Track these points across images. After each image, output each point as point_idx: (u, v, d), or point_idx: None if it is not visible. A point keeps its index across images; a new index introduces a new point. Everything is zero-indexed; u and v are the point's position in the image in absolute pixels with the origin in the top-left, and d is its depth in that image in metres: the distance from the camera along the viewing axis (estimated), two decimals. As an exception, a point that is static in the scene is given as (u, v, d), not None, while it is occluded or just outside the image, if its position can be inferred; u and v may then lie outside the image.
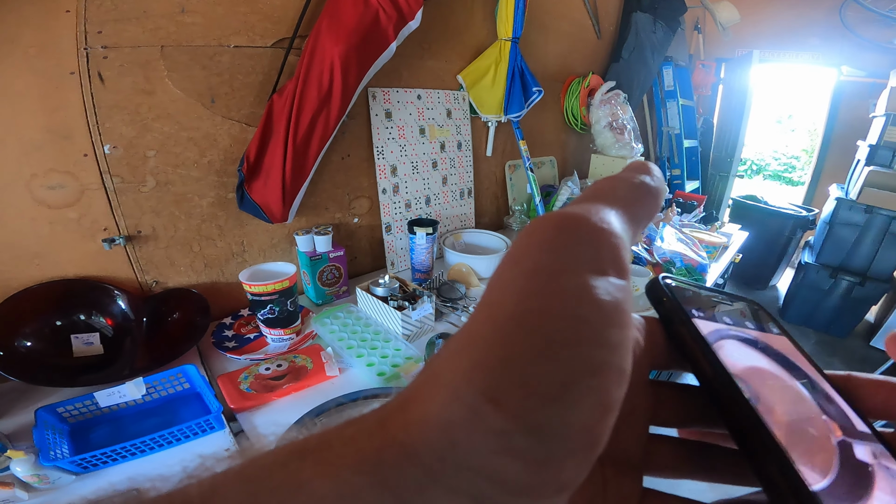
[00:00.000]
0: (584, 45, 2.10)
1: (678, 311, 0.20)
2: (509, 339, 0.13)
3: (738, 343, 0.20)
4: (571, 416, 0.12)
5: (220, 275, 1.17)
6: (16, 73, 0.80)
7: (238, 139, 1.07)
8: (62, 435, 0.79)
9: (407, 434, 0.12)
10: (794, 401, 0.19)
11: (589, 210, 0.16)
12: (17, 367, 0.86)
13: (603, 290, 0.13)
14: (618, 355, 0.13)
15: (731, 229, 2.13)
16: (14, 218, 0.87)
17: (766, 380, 0.19)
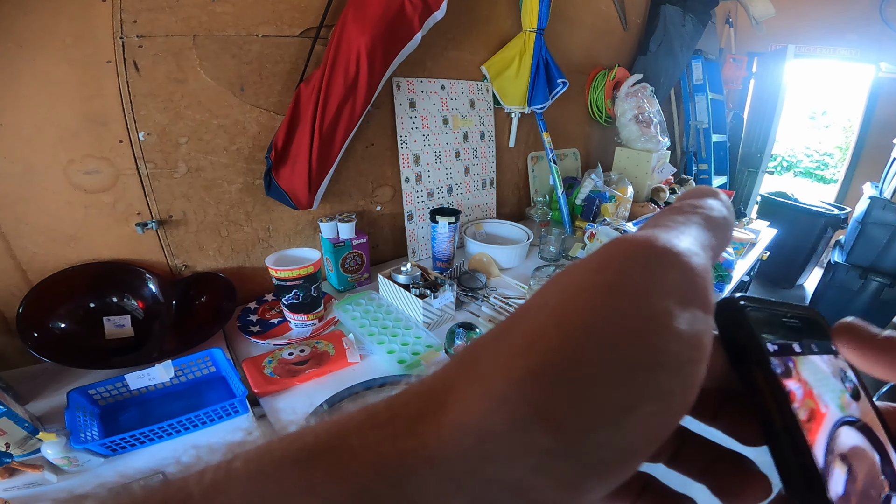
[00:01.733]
0: (610, 37, 2.06)
1: (756, 349, 0.18)
2: (578, 351, 0.12)
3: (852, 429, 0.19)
4: (622, 442, 0.11)
5: (247, 259, 1.19)
6: (54, 63, 0.82)
7: (266, 127, 1.09)
8: (93, 417, 0.81)
9: (439, 440, 0.11)
10: (868, 467, 0.19)
11: (678, 239, 0.15)
12: (50, 349, 0.88)
13: (688, 322, 0.13)
14: (688, 390, 0.12)
15: (760, 226, 2.08)
16: (51, 202, 0.90)
17: (860, 457, 0.19)
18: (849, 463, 0.18)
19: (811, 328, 0.22)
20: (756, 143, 3.30)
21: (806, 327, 0.22)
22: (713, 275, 0.15)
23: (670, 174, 2.16)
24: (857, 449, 0.19)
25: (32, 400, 0.87)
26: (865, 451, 0.19)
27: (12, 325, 0.90)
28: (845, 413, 0.20)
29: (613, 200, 1.78)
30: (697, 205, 0.18)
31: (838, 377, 0.21)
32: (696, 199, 0.18)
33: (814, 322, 0.22)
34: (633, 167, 2.03)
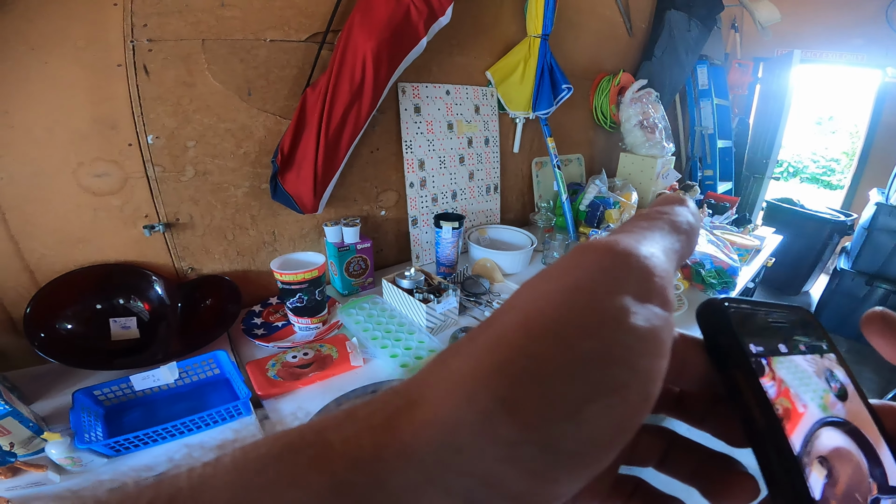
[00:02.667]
0: (615, 43, 2.07)
1: (737, 350, 0.19)
2: (540, 349, 0.12)
3: (833, 429, 0.20)
4: (584, 434, 0.12)
5: (252, 263, 1.20)
6: (65, 66, 0.84)
7: (272, 131, 1.10)
8: (97, 418, 0.81)
9: (413, 435, 0.12)
10: (852, 470, 0.19)
11: (638, 241, 0.16)
12: (56, 350, 0.89)
13: (643, 317, 0.13)
14: (645, 382, 0.13)
15: (765, 232, 2.07)
16: (61, 204, 0.91)
17: (842, 458, 0.19)
18: (829, 466, 0.18)
19: (800, 328, 0.22)
20: (762, 149, 3.29)
21: (795, 327, 0.22)
22: (672, 274, 0.16)
23: (675, 180, 2.16)
24: (841, 451, 0.19)
25: (37, 400, 0.87)
26: (850, 454, 0.19)
27: (19, 326, 0.91)
28: (827, 414, 0.20)
29: (618, 206, 1.78)
30: (664, 211, 0.19)
31: (823, 377, 0.21)
32: (664, 206, 0.19)
33: (804, 322, 0.23)
34: (638, 173, 2.03)
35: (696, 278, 1.48)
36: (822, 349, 0.22)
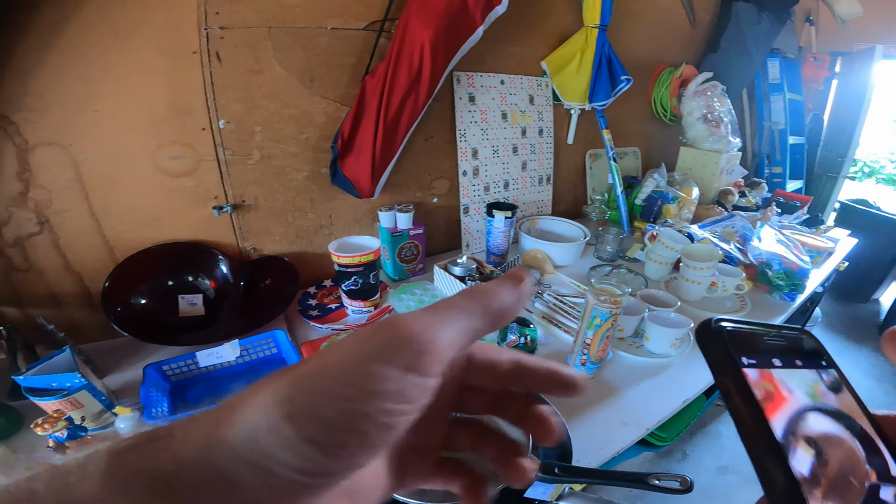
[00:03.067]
0: (677, 34, 1.98)
1: (727, 361, 0.21)
2: (316, 387, 0.18)
3: (821, 415, 0.22)
4: (336, 439, 0.17)
5: (309, 245, 1.24)
6: (147, 53, 0.89)
7: (332, 117, 1.13)
8: (163, 393, 0.85)
9: (230, 430, 0.17)
10: (846, 455, 0.21)
11: (429, 324, 0.20)
12: (130, 324, 0.94)
13: (388, 379, 0.18)
14: (375, 420, 0.18)
15: (839, 234, 1.93)
16: (139, 184, 0.98)
17: (832, 443, 0.21)
18: (817, 447, 0.20)
19: (799, 348, 0.24)
20: (837, 147, 3.06)
21: (793, 347, 0.24)
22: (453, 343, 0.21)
23: (740, 176, 2.05)
24: (831, 436, 0.21)
25: (110, 374, 0.92)
26: (842, 440, 0.21)
27: (96, 300, 0.97)
28: (816, 402, 0.22)
29: (677, 201, 1.71)
30: (485, 294, 0.23)
31: (814, 379, 0.23)
32: (489, 287, 0.23)
33: (805, 343, 0.25)
34: (699, 168, 1.94)
35: (761, 279, 1.40)
36: (821, 365, 0.24)
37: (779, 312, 1.30)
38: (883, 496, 0.20)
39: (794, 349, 0.24)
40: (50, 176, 0.88)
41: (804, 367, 0.23)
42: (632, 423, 0.85)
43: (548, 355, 1.02)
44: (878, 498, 0.20)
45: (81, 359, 0.84)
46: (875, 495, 0.20)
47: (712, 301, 1.29)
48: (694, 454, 1.86)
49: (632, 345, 1.05)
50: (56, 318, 0.93)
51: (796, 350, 0.24)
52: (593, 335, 0.89)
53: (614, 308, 0.86)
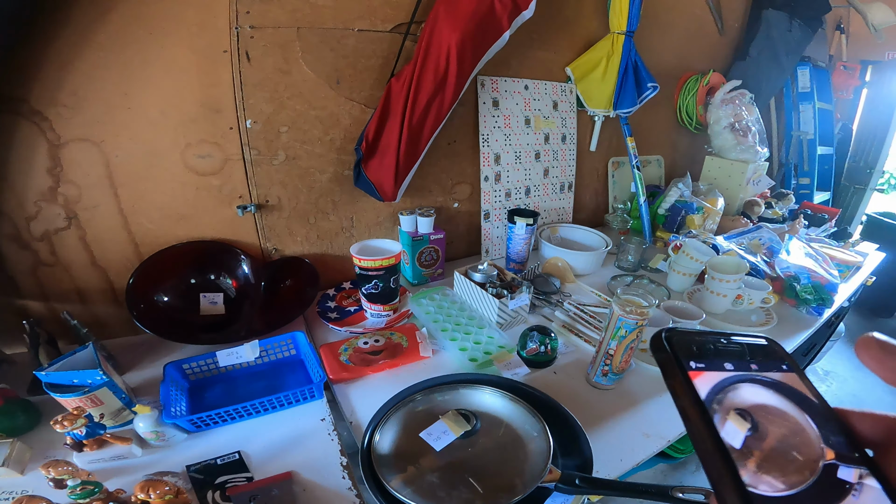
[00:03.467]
0: (704, 41, 1.95)
1: (670, 363, 0.24)
2: None
3: (759, 386, 0.24)
4: None
5: (329, 247, 1.24)
6: (180, 51, 0.90)
7: (357, 119, 1.13)
8: (182, 392, 0.85)
9: None
10: (791, 431, 0.22)
11: None
12: (152, 321, 0.94)
13: None
14: None
15: (867, 248, 1.87)
16: (168, 182, 0.99)
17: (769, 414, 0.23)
18: (752, 420, 0.22)
19: (758, 354, 0.26)
20: (866, 158, 2.98)
21: (750, 353, 0.26)
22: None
23: (767, 187, 2.00)
24: (769, 408, 0.23)
25: (130, 370, 0.92)
26: (785, 413, 0.23)
27: (120, 296, 0.98)
28: (747, 373, 0.24)
29: (701, 212, 1.67)
30: None
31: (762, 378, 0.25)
32: None
33: (765, 349, 0.26)
34: (725, 178, 1.90)
35: (788, 293, 1.36)
36: (781, 368, 0.25)
37: (805, 327, 1.26)
38: (841, 475, 0.21)
39: (751, 355, 0.25)
40: (80, 172, 0.90)
41: (760, 370, 0.25)
42: (653, 434, 0.83)
43: (567, 365, 1.00)
44: (835, 476, 0.21)
45: (103, 355, 0.85)
46: (831, 473, 0.21)
47: (737, 314, 1.26)
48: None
49: (654, 357, 1.03)
50: (80, 313, 0.95)
51: (753, 356, 0.25)
52: (617, 346, 0.87)
53: (640, 319, 0.84)
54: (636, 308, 0.84)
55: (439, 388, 0.83)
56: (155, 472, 0.69)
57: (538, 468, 0.66)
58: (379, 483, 0.64)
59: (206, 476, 0.71)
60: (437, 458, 0.68)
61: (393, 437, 0.72)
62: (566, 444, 0.74)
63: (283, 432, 0.80)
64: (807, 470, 0.21)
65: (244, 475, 0.72)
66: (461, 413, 0.75)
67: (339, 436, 0.79)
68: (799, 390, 0.24)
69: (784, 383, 0.24)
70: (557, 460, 0.71)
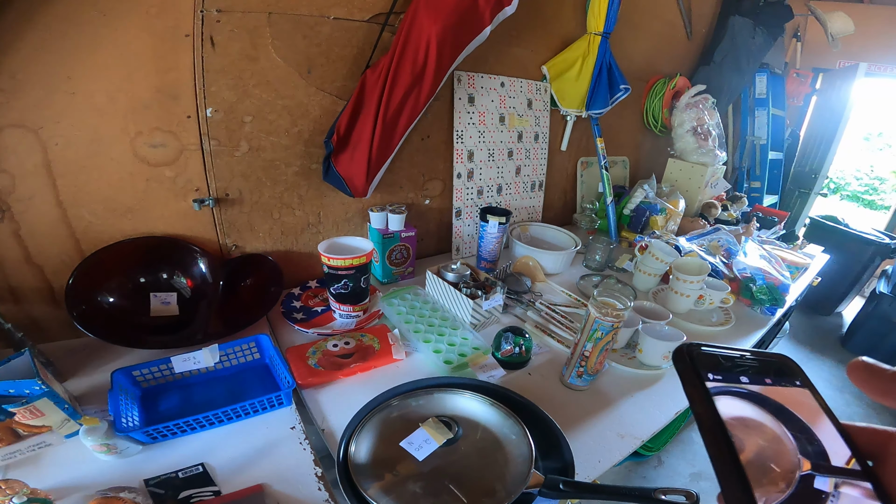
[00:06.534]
0: (673, 46, 1.99)
1: (690, 375, 0.25)
2: None
3: (738, 399, 0.25)
4: None
5: (294, 244, 1.18)
6: (136, 33, 0.82)
7: (328, 111, 1.07)
8: (134, 400, 0.78)
9: None
10: (769, 444, 0.24)
11: None
12: (95, 323, 0.86)
13: None
14: None
15: (814, 251, 1.98)
16: (114, 172, 0.90)
17: (746, 426, 0.24)
18: (760, 432, 0.24)
19: (774, 370, 0.27)
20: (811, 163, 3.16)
21: (767, 369, 0.27)
22: None
23: (724, 190, 2.08)
24: (747, 421, 0.24)
25: (71, 377, 0.85)
26: (763, 426, 0.24)
27: (59, 296, 0.90)
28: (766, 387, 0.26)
29: (664, 213, 1.72)
30: None
31: None
32: None
33: (781, 366, 0.28)
34: (686, 180, 1.96)
35: (744, 293, 1.42)
36: (794, 384, 0.27)
37: (760, 326, 1.32)
38: (818, 485, 0.22)
39: (766, 371, 0.27)
40: (15, 160, 0.80)
41: (774, 385, 0.26)
42: (628, 434, 0.84)
43: (542, 365, 1.00)
44: (811, 487, 0.22)
45: (41, 361, 0.77)
46: (808, 484, 0.22)
47: (699, 313, 1.30)
48: (669, 461, 1.89)
49: (624, 356, 1.05)
50: (13, 314, 0.86)
51: (768, 372, 0.27)
52: (593, 348, 0.87)
53: (616, 321, 0.84)
54: (612, 310, 0.84)
55: (416, 392, 0.80)
56: (109, 487, 0.62)
57: (521, 474, 0.65)
58: (358, 494, 0.61)
59: (168, 491, 0.65)
60: (418, 466, 0.66)
61: (370, 445, 0.69)
62: (546, 447, 0.74)
63: (251, 442, 0.75)
64: (781, 481, 0.23)
65: (210, 489, 0.66)
66: (441, 420, 0.73)
67: (311, 445, 0.75)
68: (795, 402, 0.26)
69: (773, 399, 0.26)
70: (539, 464, 0.71)
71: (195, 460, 0.70)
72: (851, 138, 6.45)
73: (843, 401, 2.45)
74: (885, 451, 0.24)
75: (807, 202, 3.20)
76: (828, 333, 3.11)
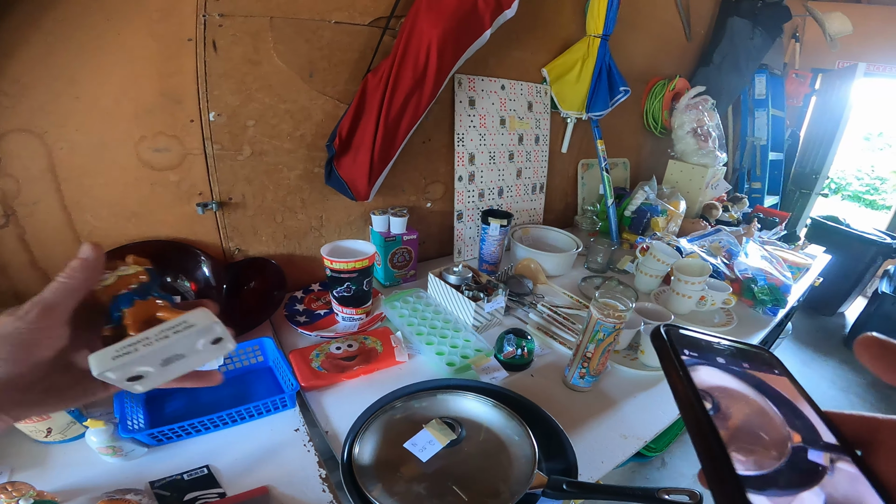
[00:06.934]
0: (673, 47, 2.00)
1: (666, 349, 0.26)
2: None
3: (718, 371, 0.26)
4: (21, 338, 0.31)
5: (297, 247, 1.19)
6: (140, 38, 0.82)
7: (330, 115, 1.08)
8: (139, 403, 0.79)
9: None
10: (755, 414, 0.24)
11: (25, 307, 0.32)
12: None
13: None
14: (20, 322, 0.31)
15: (815, 251, 1.98)
16: (119, 176, 0.91)
17: (729, 396, 0.24)
18: (714, 400, 0.23)
19: (750, 356, 0.28)
20: (812, 163, 3.17)
21: (743, 353, 0.28)
22: None
23: (724, 191, 2.08)
24: (731, 391, 0.25)
25: None
26: (747, 397, 0.25)
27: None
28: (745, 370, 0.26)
29: (665, 214, 1.72)
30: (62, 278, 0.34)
31: None
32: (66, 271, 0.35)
33: (757, 355, 0.28)
34: (686, 182, 1.96)
35: (746, 294, 1.42)
36: (773, 372, 0.27)
37: (762, 326, 1.32)
38: (812, 458, 0.22)
39: (742, 355, 0.28)
40: (20, 165, 0.81)
41: (751, 370, 0.27)
42: (630, 435, 0.84)
43: (544, 367, 1.00)
44: (805, 458, 0.22)
45: (47, 365, 0.77)
46: (801, 455, 0.22)
47: (701, 314, 1.30)
48: (672, 462, 1.89)
49: (626, 357, 1.05)
50: (20, 318, 0.86)
51: (745, 356, 0.28)
52: (595, 349, 0.87)
53: (618, 322, 0.85)
54: (614, 311, 0.85)
55: (419, 394, 0.80)
56: (115, 489, 0.63)
57: (524, 474, 0.65)
58: (362, 495, 0.61)
59: (173, 493, 0.66)
60: (421, 468, 0.66)
61: (374, 447, 0.70)
62: (549, 448, 0.74)
63: (255, 444, 0.75)
64: (775, 450, 0.22)
65: (216, 491, 0.67)
66: (445, 421, 0.73)
67: (315, 447, 0.75)
68: (778, 387, 0.26)
69: (753, 376, 0.26)
70: (542, 465, 0.71)
71: (200, 462, 0.71)
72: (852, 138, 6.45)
73: (847, 402, 2.44)
74: (874, 439, 0.23)
75: (808, 202, 3.20)
76: (831, 334, 3.11)
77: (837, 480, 0.21)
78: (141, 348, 0.33)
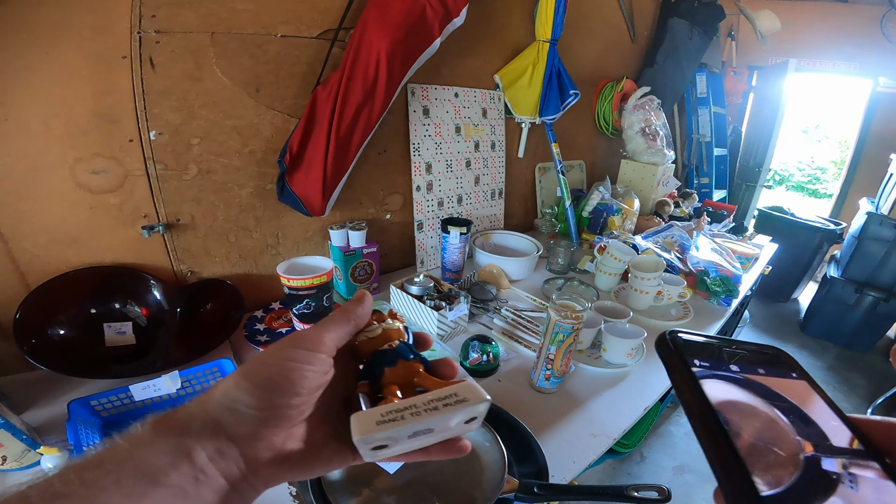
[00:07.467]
0: (619, 49, 2.07)
1: (675, 361, 0.25)
2: (259, 359, 0.29)
3: (725, 384, 0.24)
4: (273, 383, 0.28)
5: (254, 266, 1.15)
6: (69, 56, 0.79)
7: (280, 130, 1.06)
8: (94, 429, 0.76)
9: (214, 391, 0.28)
10: (765, 426, 0.23)
11: (311, 328, 0.31)
12: (48, 356, 0.83)
13: (298, 351, 0.29)
14: (294, 371, 0.28)
15: (762, 241, 2.08)
16: (55, 202, 0.86)
17: (746, 409, 0.23)
18: (730, 415, 0.22)
19: (767, 360, 0.26)
20: (754, 157, 3.34)
21: (758, 359, 0.26)
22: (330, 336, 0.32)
23: (675, 188, 2.16)
24: (738, 404, 0.23)
25: (28, 409, 0.82)
26: (755, 409, 0.23)
27: (7, 331, 0.85)
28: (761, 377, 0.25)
29: (620, 213, 1.77)
30: (346, 310, 0.34)
31: None
32: (348, 306, 0.34)
33: (773, 356, 0.27)
34: (639, 180, 2.02)
35: (700, 286, 1.47)
36: (790, 375, 0.26)
37: (718, 317, 1.37)
38: (826, 467, 0.21)
39: (758, 361, 0.26)
40: (-56, 194, 0.76)
41: (766, 376, 0.25)
42: (599, 433, 0.85)
43: (511, 371, 1.01)
44: (819, 469, 0.21)
45: (-5, 395, 0.75)
46: (815, 466, 0.21)
47: (659, 309, 1.34)
48: (651, 456, 1.93)
49: (590, 356, 1.07)
50: (-39, 352, 0.81)
51: (759, 362, 0.26)
52: (556, 350, 0.88)
53: (576, 323, 0.86)
54: (571, 312, 0.86)
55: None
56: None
57: (495, 480, 0.65)
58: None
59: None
60: (392, 478, 0.65)
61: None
62: (519, 452, 0.74)
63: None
64: (789, 465, 0.21)
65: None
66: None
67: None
68: (792, 391, 0.24)
69: (764, 385, 0.25)
70: (513, 469, 0.71)
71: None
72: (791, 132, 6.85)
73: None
74: None
75: (754, 195, 3.36)
76: (787, 319, 3.26)
77: (866, 491, 0.20)
78: (408, 416, 0.28)
